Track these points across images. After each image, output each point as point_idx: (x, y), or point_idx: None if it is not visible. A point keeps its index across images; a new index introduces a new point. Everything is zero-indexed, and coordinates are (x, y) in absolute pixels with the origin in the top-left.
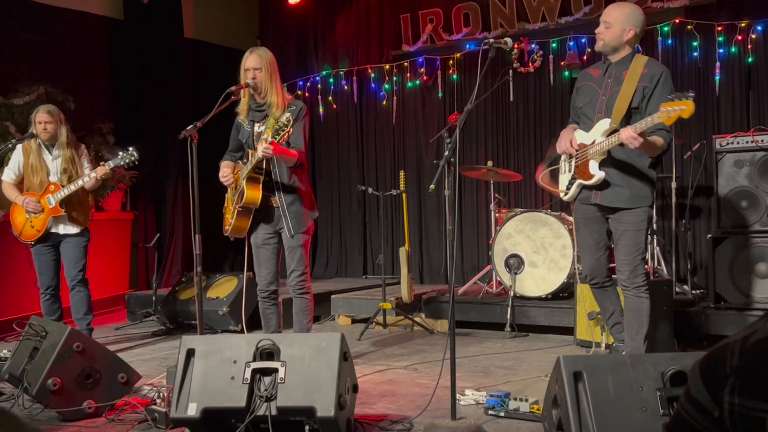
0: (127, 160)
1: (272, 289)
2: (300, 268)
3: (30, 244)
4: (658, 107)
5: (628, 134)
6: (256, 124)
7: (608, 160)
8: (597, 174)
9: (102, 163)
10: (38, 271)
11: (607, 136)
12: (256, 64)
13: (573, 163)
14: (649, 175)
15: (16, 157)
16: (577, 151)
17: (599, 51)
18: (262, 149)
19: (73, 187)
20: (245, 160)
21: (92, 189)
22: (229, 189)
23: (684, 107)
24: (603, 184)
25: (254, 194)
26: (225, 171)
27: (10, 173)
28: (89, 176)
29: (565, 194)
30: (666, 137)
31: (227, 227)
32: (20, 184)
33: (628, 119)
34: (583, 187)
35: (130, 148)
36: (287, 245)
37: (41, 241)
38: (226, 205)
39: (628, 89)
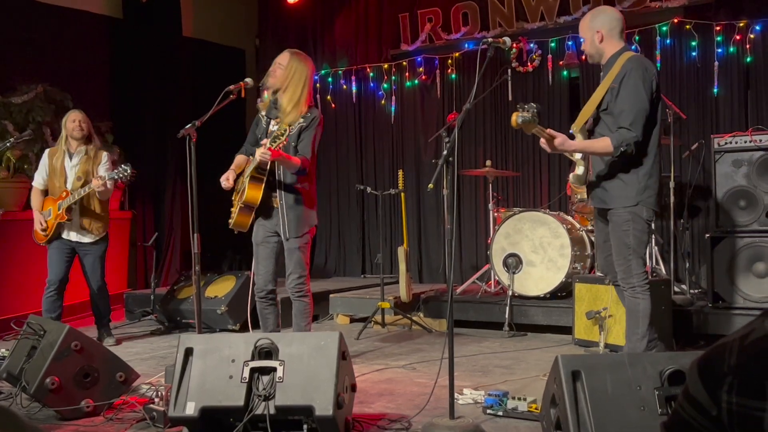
0: (121, 175)
1: (269, 289)
2: (298, 271)
3: (44, 243)
4: (621, 106)
5: (541, 141)
6: (272, 122)
7: (593, 163)
8: (571, 176)
9: (99, 176)
10: (50, 265)
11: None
12: (282, 60)
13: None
14: (633, 175)
15: (44, 162)
16: None
17: (592, 63)
18: (259, 153)
19: (76, 196)
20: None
21: (103, 197)
22: (238, 181)
23: (513, 118)
24: (592, 186)
25: (254, 194)
26: (229, 174)
27: (39, 179)
28: (89, 187)
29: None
30: (618, 137)
31: (230, 220)
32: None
33: (595, 123)
34: (587, 190)
35: (127, 165)
36: (285, 247)
37: (53, 240)
38: (234, 197)
39: (600, 91)
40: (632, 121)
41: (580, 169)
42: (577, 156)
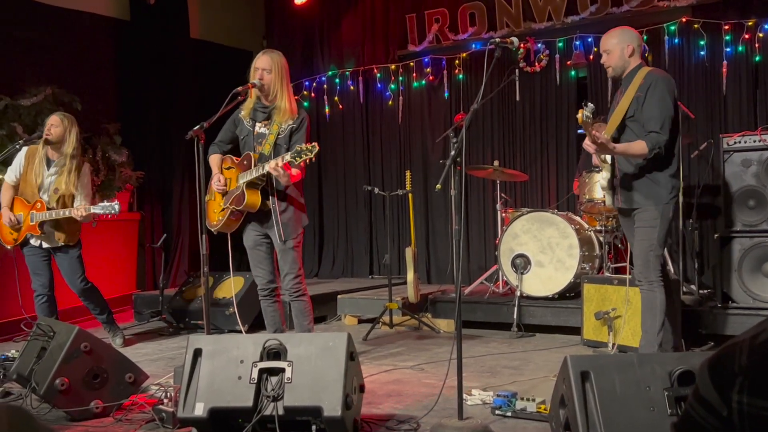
0: (108, 211)
1: (272, 287)
2: (294, 271)
3: (10, 248)
4: (650, 113)
5: (585, 142)
6: (257, 124)
7: (621, 165)
8: (601, 181)
9: (84, 205)
10: (32, 271)
11: None
12: (265, 65)
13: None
14: (661, 175)
15: (19, 160)
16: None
17: (613, 77)
18: (273, 169)
19: (54, 215)
20: (245, 162)
21: (84, 221)
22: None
23: (578, 115)
24: (621, 189)
25: (255, 199)
26: (221, 179)
27: (11, 174)
28: (70, 211)
29: (604, 202)
30: (651, 140)
31: (214, 223)
32: (18, 187)
33: (621, 129)
34: (612, 193)
35: (116, 202)
36: (279, 249)
37: (23, 245)
38: (212, 198)
39: (625, 101)
40: (662, 125)
41: (604, 174)
42: (608, 160)
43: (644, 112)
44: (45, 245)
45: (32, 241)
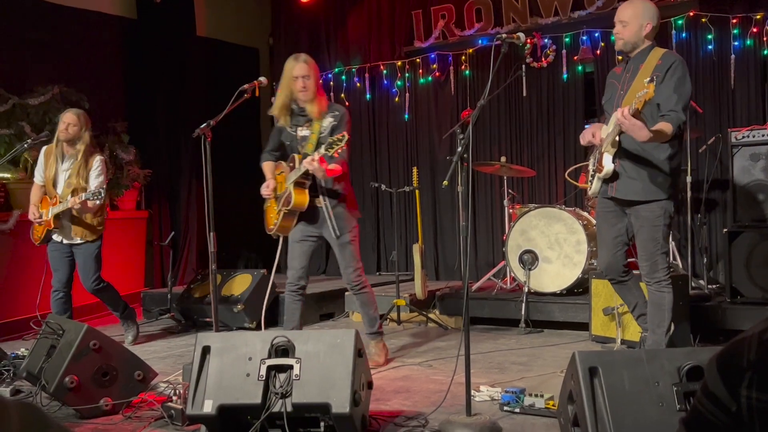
0: (96, 198)
1: (301, 285)
2: (353, 264)
3: (38, 244)
4: (667, 92)
5: (618, 115)
6: (299, 128)
7: (622, 152)
8: (607, 166)
9: (77, 195)
10: (52, 267)
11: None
12: (305, 71)
13: (595, 158)
14: (666, 168)
15: (41, 160)
16: (599, 145)
17: (620, 50)
18: (308, 163)
19: (61, 207)
20: (291, 164)
21: (82, 213)
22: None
23: (646, 90)
24: (617, 177)
25: (302, 198)
26: (270, 184)
27: (38, 176)
28: (68, 202)
29: (590, 189)
30: (673, 119)
31: (272, 227)
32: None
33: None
34: (603, 181)
35: (102, 190)
36: (335, 244)
37: (47, 241)
38: (268, 204)
39: (640, 81)
40: (683, 105)
41: (608, 160)
42: (612, 149)
43: (662, 92)
44: (65, 241)
45: (54, 237)
